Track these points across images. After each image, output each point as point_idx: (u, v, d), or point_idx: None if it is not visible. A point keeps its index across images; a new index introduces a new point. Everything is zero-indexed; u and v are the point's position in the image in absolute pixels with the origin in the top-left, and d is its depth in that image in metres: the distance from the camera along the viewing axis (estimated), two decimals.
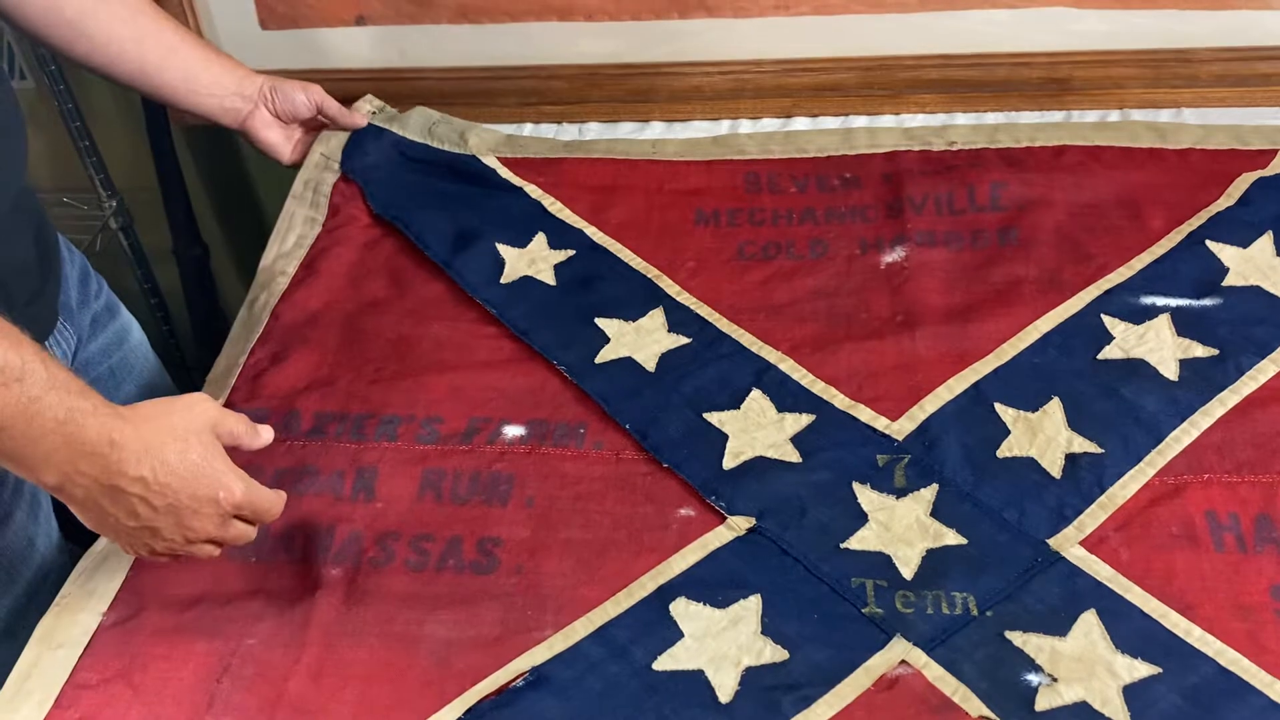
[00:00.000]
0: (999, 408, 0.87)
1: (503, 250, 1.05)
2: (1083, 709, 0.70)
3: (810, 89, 1.22)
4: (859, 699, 0.71)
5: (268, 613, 0.79)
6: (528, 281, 1.02)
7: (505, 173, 1.13)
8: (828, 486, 0.83)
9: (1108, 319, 0.93)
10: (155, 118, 1.37)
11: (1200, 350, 0.89)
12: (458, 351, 0.97)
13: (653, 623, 0.76)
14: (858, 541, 0.80)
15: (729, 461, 0.86)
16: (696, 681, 0.73)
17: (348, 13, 1.24)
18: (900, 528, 0.80)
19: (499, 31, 1.23)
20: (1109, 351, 0.90)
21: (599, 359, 0.94)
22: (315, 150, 1.14)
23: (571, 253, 1.05)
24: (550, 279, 1.02)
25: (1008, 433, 0.86)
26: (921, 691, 0.71)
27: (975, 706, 0.70)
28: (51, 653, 0.77)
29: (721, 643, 0.75)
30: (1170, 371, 0.88)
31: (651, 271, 1.02)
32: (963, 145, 1.11)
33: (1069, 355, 0.90)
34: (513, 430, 0.90)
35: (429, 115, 1.18)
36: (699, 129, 1.22)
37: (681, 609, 0.77)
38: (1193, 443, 0.83)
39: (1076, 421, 0.85)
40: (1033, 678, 0.71)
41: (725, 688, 0.73)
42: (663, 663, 0.74)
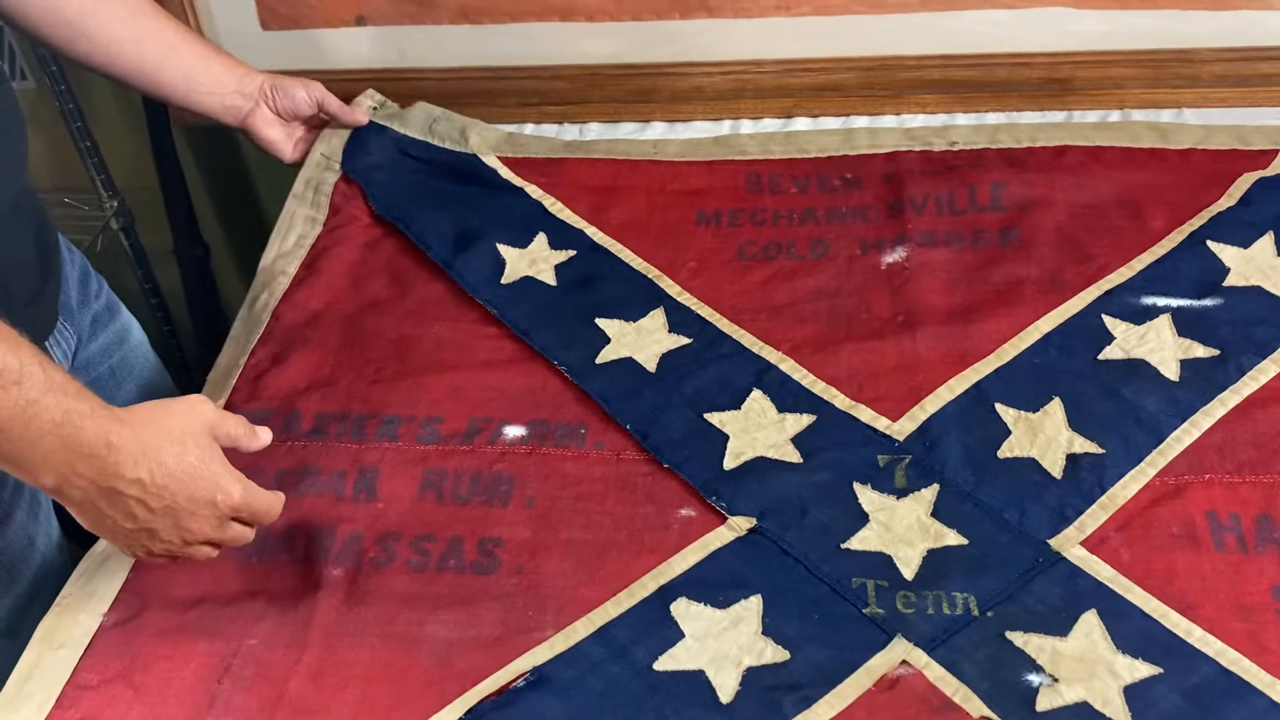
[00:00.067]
0: (1000, 408, 0.87)
1: (503, 250, 1.05)
2: (1083, 709, 0.69)
3: (811, 89, 1.22)
4: (860, 699, 0.71)
5: (269, 613, 0.79)
6: (528, 282, 1.02)
7: (506, 173, 1.13)
8: (828, 487, 0.83)
9: (1108, 319, 0.93)
10: (156, 118, 1.37)
11: (1201, 350, 0.89)
12: (458, 352, 0.97)
13: (654, 623, 0.76)
14: (858, 542, 0.80)
15: (730, 462, 0.86)
16: (697, 682, 0.73)
17: (348, 13, 1.24)
18: (901, 528, 0.80)
19: (500, 32, 1.23)
20: (1110, 352, 0.90)
21: (600, 359, 0.94)
22: (316, 150, 1.14)
23: (572, 253, 1.05)
24: (551, 279, 1.02)
25: (1008, 433, 0.86)
26: (922, 692, 0.71)
27: (976, 707, 0.70)
28: (53, 653, 0.77)
29: (722, 643, 0.75)
30: (1171, 372, 0.88)
31: (652, 272, 1.02)
32: (964, 145, 1.11)
33: (1070, 355, 0.90)
34: (513, 430, 0.90)
35: (430, 111, 1.18)
36: (700, 129, 1.22)
37: (682, 609, 0.77)
38: (1194, 443, 0.83)
39: (1077, 422, 0.85)
40: (1034, 678, 0.71)
41: (726, 688, 0.73)
42: (664, 663, 0.74)
